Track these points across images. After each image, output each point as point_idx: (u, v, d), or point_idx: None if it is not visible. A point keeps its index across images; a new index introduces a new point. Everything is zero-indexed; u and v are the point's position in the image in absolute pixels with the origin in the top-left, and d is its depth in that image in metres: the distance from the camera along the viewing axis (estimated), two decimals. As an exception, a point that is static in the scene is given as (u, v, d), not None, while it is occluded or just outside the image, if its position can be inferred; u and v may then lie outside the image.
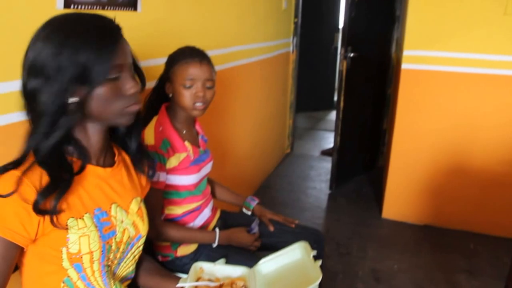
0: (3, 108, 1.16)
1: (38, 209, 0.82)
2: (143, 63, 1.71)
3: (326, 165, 4.18)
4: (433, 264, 2.59)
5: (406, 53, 2.82)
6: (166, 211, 1.55)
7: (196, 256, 1.57)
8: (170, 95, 1.49)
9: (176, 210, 1.56)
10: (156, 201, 1.44)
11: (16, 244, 0.83)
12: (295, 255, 1.24)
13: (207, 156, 1.65)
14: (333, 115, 6.08)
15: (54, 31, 0.84)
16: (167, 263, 1.58)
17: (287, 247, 1.27)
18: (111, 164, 1.03)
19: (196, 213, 1.60)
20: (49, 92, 0.82)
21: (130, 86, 0.91)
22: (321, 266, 1.76)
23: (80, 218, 0.90)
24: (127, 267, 1.08)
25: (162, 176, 1.43)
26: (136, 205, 1.08)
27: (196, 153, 1.56)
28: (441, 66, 2.75)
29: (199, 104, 1.45)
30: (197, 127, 1.67)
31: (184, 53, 1.46)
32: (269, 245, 1.70)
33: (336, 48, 6.18)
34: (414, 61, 2.81)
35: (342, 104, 3.39)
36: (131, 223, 1.04)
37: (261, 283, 1.14)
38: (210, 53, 2.35)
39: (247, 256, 1.54)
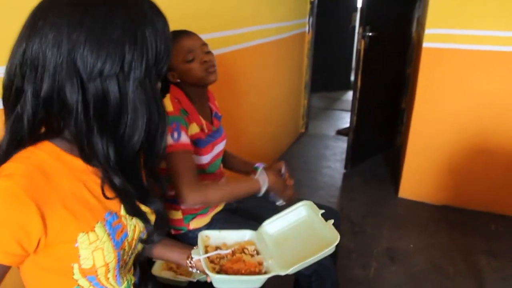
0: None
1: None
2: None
3: (341, 145, 4.13)
4: (452, 244, 2.53)
5: (428, 31, 2.72)
6: None
7: (209, 229, 1.52)
8: (178, 80, 1.47)
9: None
10: (183, 164, 1.35)
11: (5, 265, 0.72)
12: (299, 214, 1.19)
13: (220, 134, 1.61)
14: (349, 95, 5.99)
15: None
16: (180, 236, 1.55)
17: (290, 207, 1.22)
18: None
19: None
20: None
21: None
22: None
23: (91, 231, 0.77)
24: (135, 254, 0.99)
25: (184, 137, 1.36)
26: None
27: (209, 129, 1.53)
28: (465, 44, 2.65)
29: (211, 68, 1.45)
30: (211, 104, 1.63)
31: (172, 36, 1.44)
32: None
33: (353, 28, 6.08)
34: (436, 40, 2.71)
35: (359, 83, 3.31)
36: None
37: (271, 243, 1.11)
38: (225, 33, 2.42)
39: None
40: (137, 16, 0.71)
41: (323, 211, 1.18)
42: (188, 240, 1.52)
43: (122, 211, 0.86)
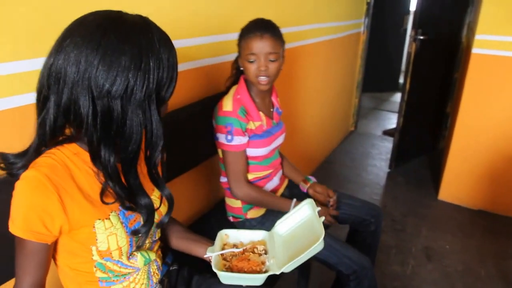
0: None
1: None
2: (223, 37, 1.81)
3: (387, 145, 4.18)
4: (485, 248, 2.56)
5: (478, 37, 2.68)
6: None
7: (263, 220, 1.67)
8: (241, 68, 1.52)
9: (248, 175, 1.64)
10: (234, 164, 1.53)
11: (44, 243, 0.83)
12: (305, 212, 1.22)
13: (279, 128, 1.69)
14: (397, 96, 5.97)
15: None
16: (238, 223, 1.70)
17: (298, 205, 1.27)
18: None
19: (266, 180, 1.69)
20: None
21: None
22: (364, 235, 1.79)
23: (106, 219, 0.88)
24: (154, 237, 1.09)
25: (237, 140, 1.49)
26: (158, 190, 1.04)
27: (269, 124, 1.60)
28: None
29: (262, 78, 1.46)
30: (273, 98, 1.69)
31: (249, 27, 1.47)
32: (331, 216, 1.73)
33: (405, 30, 5.98)
34: (486, 46, 2.68)
35: (408, 86, 3.34)
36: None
37: (279, 244, 1.15)
38: (286, 30, 2.27)
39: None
40: (145, 45, 0.78)
41: (319, 208, 1.22)
42: (245, 228, 1.63)
43: None
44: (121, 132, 0.80)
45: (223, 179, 1.69)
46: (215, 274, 1.06)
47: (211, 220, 1.82)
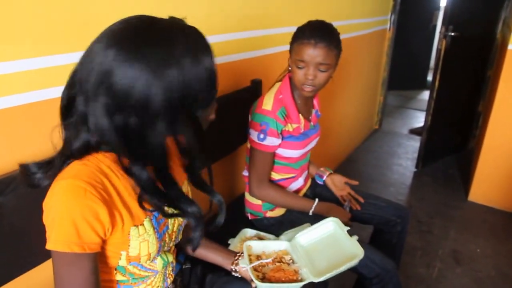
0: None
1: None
2: (265, 32, 1.79)
3: (413, 144, 4.02)
4: (520, 253, 2.41)
5: None
6: None
7: (283, 219, 1.61)
8: (290, 68, 1.46)
9: (274, 176, 1.60)
10: (260, 162, 1.47)
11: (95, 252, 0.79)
12: (327, 229, 1.26)
13: (315, 131, 1.63)
14: (424, 94, 5.77)
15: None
16: (255, 220, 1.64)
17: (319, 222, 1.28)
18: None
19: (291, 180, 1.63)
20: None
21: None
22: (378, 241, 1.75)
23: (141, 225, 0.85)
24: (177, 240, 1.05)
25: (269, 140, 1.43)
26: (185, 189, 1.03)
27: (306, 127, 1.55)
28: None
29: (307, 87, 1.40)
30: (315, 101, 1.64)
31: (304, 31, 1.37)
32: (354, 216, 1.68)
33: (434, 27, 5.79)
34: None
35: (437, 84, 3.19)
36: None
37: (302, 254, 1.17)
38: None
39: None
40: (167, 54, 0.71)
41: (349, 228, 1.24)
42: (262, 227, 1.61)
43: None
44: (143, 148, 0.75)
45: (246, 173, 1.62)
46: (228, 273, 1.10)
47: (228, 214, 1.74)
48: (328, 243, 1.23)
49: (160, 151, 0.76)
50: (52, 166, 0.79)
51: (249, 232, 1.52)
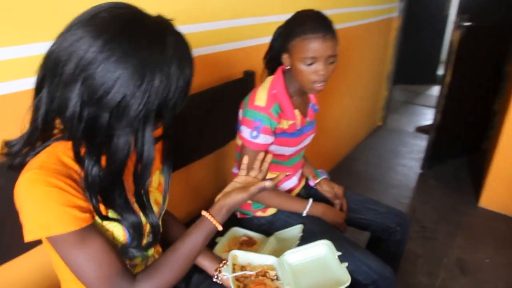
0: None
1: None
2: (259, 19, 1.78)
3: (420, 143, 3.99)
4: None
5: None
6: None
7: (274, 219, 1.58)
8: (288, 67, 1.40)
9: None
10: (253, 160, 1.41)
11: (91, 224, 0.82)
12: (319, 251, 1.27)
13: (311, 128, 1.60)
14: (434, 90, 5.75)
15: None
16: (244, 220, 1.62)
17: (311, 243, 1.28)
18: None
19: (284, 178, 1.60)
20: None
21: None
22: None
23: (105, 215, 0.86)
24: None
25: (263, 138, 1.39)
26: (156, 181, 1.04)
27: (303, 123, 1.52)
28: None
29: (318, 85, 1.35)
30: (310, 95, 1.61)
31: (303, 25, 1.31)
32: (351, 221, 1.67)
33: (446, 16, 5.76)
34: None
35: (448, 78, 3.13)
36: (153, 201, 1.00)
37: (289, 272, 1.19)
38: None
39: (322, 228, 1.51)
40: (153, 58, 0.73)
41: (340, 253, 1.23)
42: (251, 226, 1.58)
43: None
44: (105, 145, 0.77)
45: (236, 170, 1.60)
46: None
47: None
48: (317, 265, 1.25)
49: (124, 153, 0.78)
50: (22, 142, 0.81)
51: (237, 230, 1.54)
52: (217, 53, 1.68)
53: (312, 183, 1.74)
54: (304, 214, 1.52)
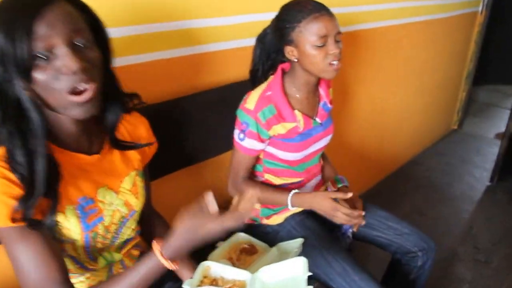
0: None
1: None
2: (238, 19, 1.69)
3: (497, 151, 3.64)
4: None
5: None
6: (266, 177, 1.53)
7: (279, 228, 1.55)
8: (296, 60, 1.34)
9: (275, 180, 1.53)
10: (237, 162, 1.46)
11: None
12: (294, 269, 1.18)
13: (324, 129, 1.50)
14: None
15: None
16: (252, 226, 1.59)
17: (290, 259, 1.18)
18: (100, 149, 0.99)
19: (297, 185, 1.54)
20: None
21: (63, 64, 0.76)
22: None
23: (61, 212, 0.87)
24: (124, 237, 1.07)
25: (248, 142, 1.38)
26: (129, 183, 1.04)
27: (308, 125, 1.44)
28: None
29: (335, 63, 1.30)
30: (322, 91, 1.51)
31: (305, 8, 1.28)
32: (368, 238, 1.59)
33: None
34: None
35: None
36: (123, 203, 1.02)
37: None
38: (364, 8, 2.24)
39: (325, 243, 1.44)
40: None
41: (310, 273, 1.13)
42: (258, 233, 1.55)
43: (100, 196, 0.96)
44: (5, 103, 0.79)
45: None
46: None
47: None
48: (287, 285, 1.18)
49: (31, 115, 0.79)
50: None
51: (241, 237, 1.51)
52: (238, 49, 1.66)
53: (330, 190, 1.62)
54: (290, 208, 1.43)
